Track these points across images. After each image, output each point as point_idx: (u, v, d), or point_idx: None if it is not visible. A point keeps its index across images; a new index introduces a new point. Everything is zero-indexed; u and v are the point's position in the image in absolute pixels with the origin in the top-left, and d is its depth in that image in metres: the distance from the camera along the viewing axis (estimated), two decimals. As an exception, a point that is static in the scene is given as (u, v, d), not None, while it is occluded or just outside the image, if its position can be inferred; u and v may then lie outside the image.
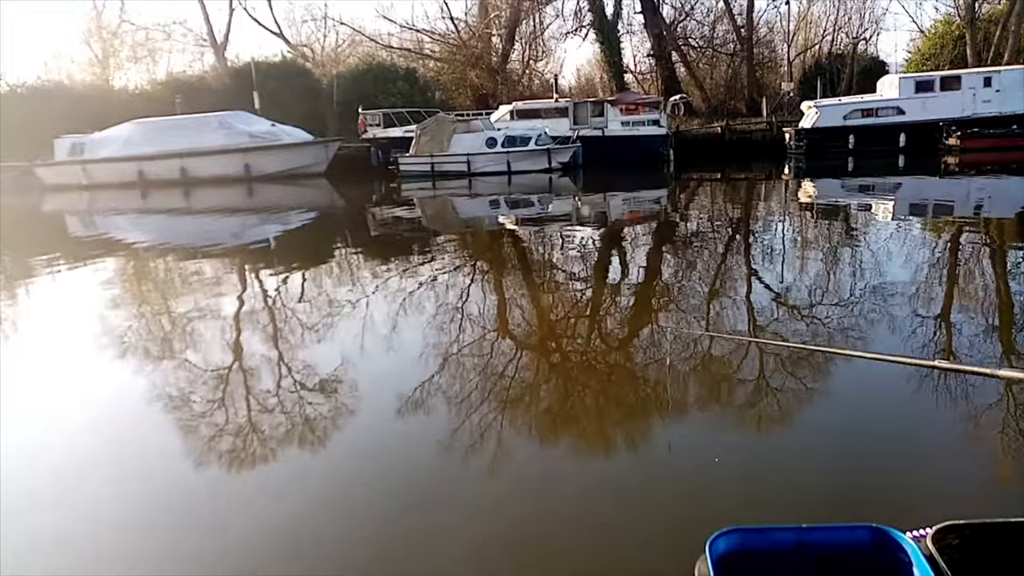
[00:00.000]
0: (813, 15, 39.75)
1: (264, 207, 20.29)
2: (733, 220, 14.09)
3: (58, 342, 6.88)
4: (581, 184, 21.93)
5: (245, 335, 6.78)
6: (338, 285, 9.00)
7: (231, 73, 33.54)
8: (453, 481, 3.77)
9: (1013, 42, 28.98)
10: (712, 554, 2.08)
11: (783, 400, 4.58)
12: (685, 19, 36.82)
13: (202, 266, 10.58)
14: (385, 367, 5.68)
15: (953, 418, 4.22)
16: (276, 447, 4.26)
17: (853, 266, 8.62)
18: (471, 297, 7.86)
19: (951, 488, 3.44)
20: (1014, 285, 7.63)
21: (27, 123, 26.50)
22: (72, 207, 21.91)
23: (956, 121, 23.95)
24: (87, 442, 4.45)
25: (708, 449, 3.91)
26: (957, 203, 15.00)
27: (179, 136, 25.45)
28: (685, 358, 5.50)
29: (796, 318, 6.44)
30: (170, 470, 4.02)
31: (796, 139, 25.75)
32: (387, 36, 37.60)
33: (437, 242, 13.01)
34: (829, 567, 2.16)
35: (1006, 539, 2.12)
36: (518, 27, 36.71)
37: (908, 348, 5.42)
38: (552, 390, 5.15)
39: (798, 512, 3.09)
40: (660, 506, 3.42)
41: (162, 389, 5.27)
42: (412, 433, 4.39)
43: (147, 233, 15.63)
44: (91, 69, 36.49)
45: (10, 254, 13.12)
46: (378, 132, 27.70)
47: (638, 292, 8.04)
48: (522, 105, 27.31)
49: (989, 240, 10.24)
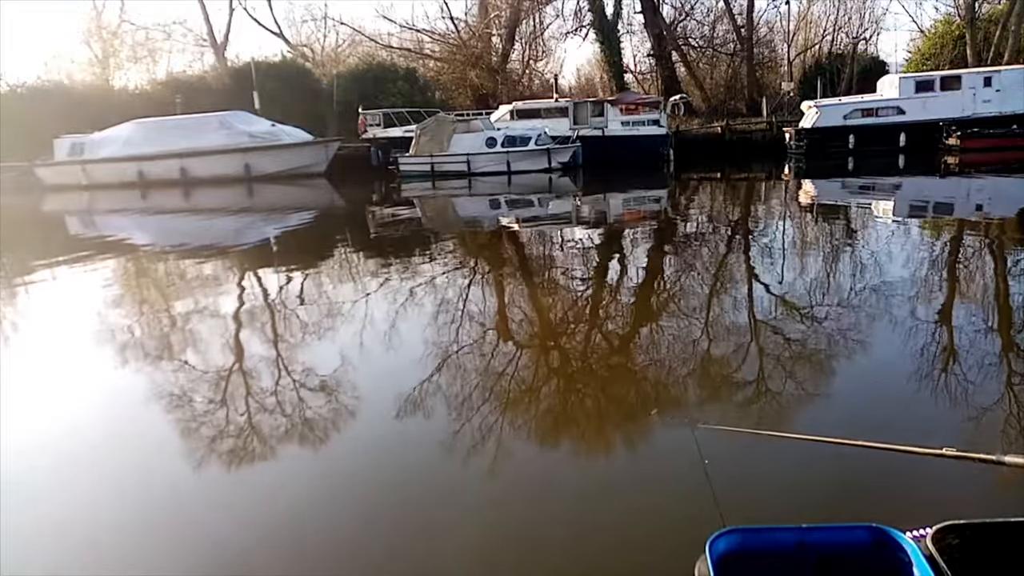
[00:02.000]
0: (813, 15, 39.80)
1: (264, 207, 20.28)
2: (733, 220, 14.09)
3: (58, 342, 6.87)
4: (581, 184, 21.92)
5: (245, 335, 6.77)
6: (338, 285, 8.99)
7: (231, 73, 33.53)
8: (452, 481, 3.76)
9: (1013, 42, 28.97)
10: (712, 554, 2.08)
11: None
12: (685, 19, 36.83)
13: (202, 266, 10.58)
14: (385, 367, 5.68)
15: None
16: (276, 447, 4.26)
17: (853, 266, 8.62)
18: (471, 297, 7.86)
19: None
20: (1014, 285, 7.63)
21: (27, 123, 26.49)
22: (72, 207, 21.90)
23: (956, 121, 23.93)
24: (87, 442, 4.45)
25: (707, 449, 3.90)
26: (957, 203, 15.00)
27: (179, 136, 25.43)
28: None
29: (796, 319, 6.44)
30: (170, 470, 4.01)
31: (796, 139, 25.73)
32: (387, 36, 37.65)
33: (437, 242, 13.01)
34: (829, 567, 2.15)
35: (1006, 539, 2.12)
36: (518, 27, 36.69)
37: (908, 349, 5.42)
38: (551, 391, 5.15)
39: (797, 510, 3.09)
40: (660, 506, 3.42)
41: (162, 389, 5.27)
42: (412, 433, 4.39)
43: (147, 233, 15.63)
44: (91, 69, 36.51)
45: (10, 254, 13.11)
46: (378, 132, 27.69)
47: (637, 293, 8.04)
48: (522, 105, 27.29)
49: (989, 240, 10.24)
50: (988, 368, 4.91)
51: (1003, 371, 4.94)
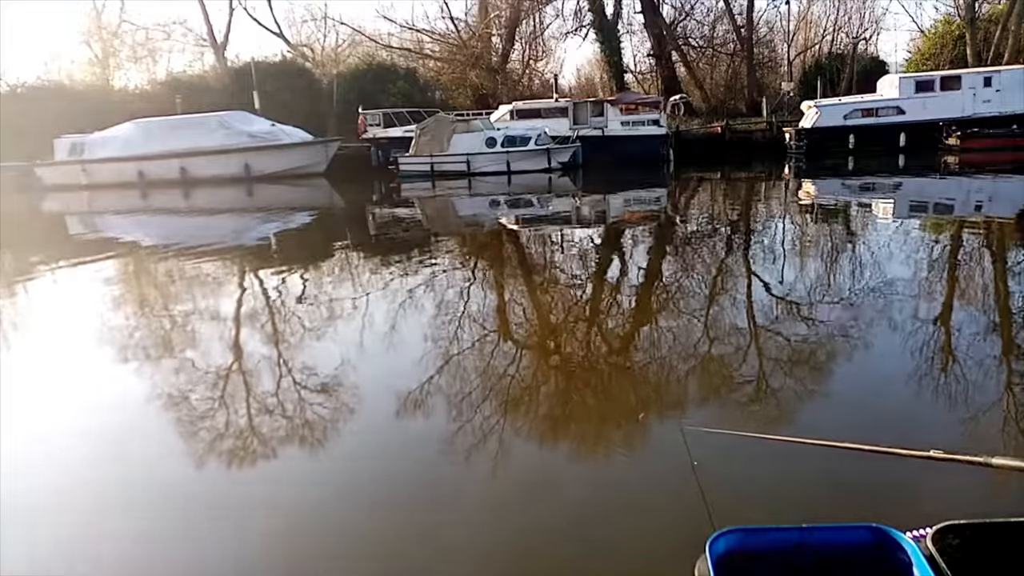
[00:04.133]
0: (813, 15, 39.84)
1: (264, 207, 20.27)
2: (733, 220, 14.08)
3: (58, 342, 6.87)
4: (581, 184, 21.92)
5: (245, 334, 6.77)
6: (338, 285, 8.99)
7: (231, 73, 33.52)
8: (452, 481, 3.76)
9: (1013, 42, 28.96)
10: (712, 554, 2.08)
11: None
12: (685, 19, 36.84)
13: (202, 266, 10.57)
14: (385, 367, 5.67)
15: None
16: (276, 447, 4.26)
17: (853, 266, 8.62)
18: (471, 297, 7.85)
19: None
20: (1013, 285, 7.63)
21: (27, 123, 26.49)
22: (72, 207, 21.90)
23: (956, 121, 23.93)
24: (87, 442, 4.44)
25: (707, 449, 3.89)
26: (957, 203, 14.99)
27: (179, 136, 25.44)
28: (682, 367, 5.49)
29: (796, 318, 6.44)
30: (170, 469, 4.01)
31: (796, 139, 25.73)
32: (387, 36, 37.64)
33: (437, 242, 13.00)
34: (829, 567, 2.15)
35: (1006, 539, 2.12)
36: (518, 27, 36.69)
37: (908, 348, 5.42)
38: (550, 391, 5.15)
39: (788, 511, 3.09)
40: (659, 506, 3.42)
41: (162, 388, 5.27)
42: (412, 433, 4.39)
43: (147, 233, 15.61)
44: (91, 69, 36.51)
45: (10, 254, 13.10)
46: (378, 132, 27.69)
47: (637, 293, 8.04)
48: (522, 105, 27.28)
49: (989, 240, 10.23)
50: (984, 369, 4.91)
51: (1001, 373, 4.94)
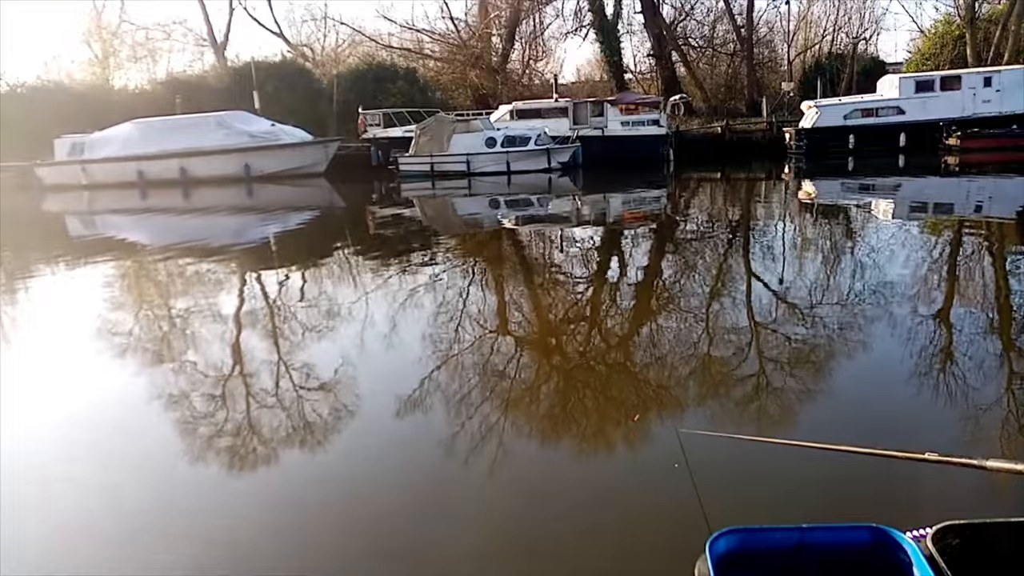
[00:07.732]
0: (813, 15, 39.79)
1: (264, 207, 20.28)
2: (733, 220, 14.08)
3: (58, 342, 6.87)
4: (581, 184, 21.91)
5: (245, 334, 6.77)
6: (338, 285, 8.99)
7: (231, 73, 33.48)
8: (452, 481, 3.77)
9: (1013, 42, 28.95)
10: (712, 554, 2.08)
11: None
12: (685, 19, 36.80)
13: (202, 266, 10.56)
14: (385, 366, 5.68)
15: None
16: (276, 446, 4.26)
17: (853, 266, 8.62)
18: (470, 297, 7.85)
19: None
20: (1014, 284, 7.63)
21: (27, 123, 26.48)
22: (72, 207, 21.90)
23: (956, 121, 23.92)
24: (87, 441, 4.45)
25: (703, 452, 3.89)
26: (957, 203, 14.99)
27: (179, 136, 25.42)
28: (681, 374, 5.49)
29: (796, 318, 6.44)
30: (170, 469, 4.01)
31: (796, 139, 25.72)
32: (387, 36, 37.59)
33: (437, 242, 13.00)
34: (829, 567, 2.15)
35: (1006, 539, 2.12)
36: (518, 27, 36.67)
37: (908, 349, 5.42)
38: (550, 391, 5.14)
39: (792, 511, 3.09)
40: (658, 506, 3.42)
41: (162, 388, 5.27)
42: (411, 433, 4.39)
43: (147, 233, 15.62)
44: (91, 69, 36.51)
45: (10, 254, 13.10)
46: (378, 132, 27.66)
47: (635, 293, 8.04)
48: (522, 105, 27.26)
49: (989, 240, 10.24)
50: (983, 371, 4.91)
51: (1000, 374, 4.94)
